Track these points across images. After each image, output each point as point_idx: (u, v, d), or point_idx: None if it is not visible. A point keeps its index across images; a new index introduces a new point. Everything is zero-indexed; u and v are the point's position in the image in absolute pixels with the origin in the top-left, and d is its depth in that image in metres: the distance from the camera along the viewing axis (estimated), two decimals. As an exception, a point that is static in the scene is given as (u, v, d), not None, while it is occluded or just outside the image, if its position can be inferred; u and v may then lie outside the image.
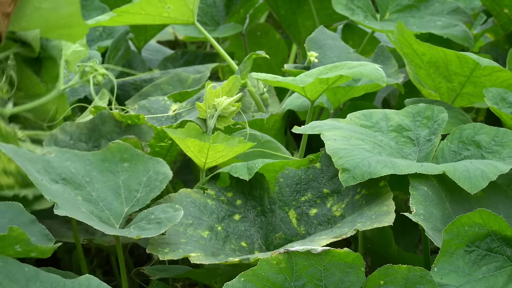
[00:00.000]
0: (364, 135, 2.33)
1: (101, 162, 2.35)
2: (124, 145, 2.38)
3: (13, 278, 1.91)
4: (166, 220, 2.15)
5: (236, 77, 2.53)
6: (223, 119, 2.54)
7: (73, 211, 2.15)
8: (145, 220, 2.18)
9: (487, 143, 2.32)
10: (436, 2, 3.33)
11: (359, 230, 2.10)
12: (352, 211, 2.24)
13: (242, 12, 3.78)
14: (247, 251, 2.27)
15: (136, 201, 2.30)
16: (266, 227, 2.33)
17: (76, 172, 2.31)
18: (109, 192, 2.30)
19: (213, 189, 2.36)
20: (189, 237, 2.22)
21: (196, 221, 2.28)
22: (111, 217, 2.26)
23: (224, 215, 2.32)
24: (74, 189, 2.27)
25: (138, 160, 2.36)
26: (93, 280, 1.98)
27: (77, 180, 2.29)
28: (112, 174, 2.34)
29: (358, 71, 2.51)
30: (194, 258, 2.11)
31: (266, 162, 2.34)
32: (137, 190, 2.31)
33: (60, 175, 2.28)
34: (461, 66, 2.65)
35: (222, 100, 2.51)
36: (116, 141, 2.39)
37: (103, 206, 2.27)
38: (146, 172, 2.34)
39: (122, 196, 2.30)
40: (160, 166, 2.35)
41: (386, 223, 2.10)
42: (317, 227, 2.29)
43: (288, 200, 2.35)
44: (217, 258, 2.15)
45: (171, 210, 2.19)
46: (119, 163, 2.36)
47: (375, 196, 2.21)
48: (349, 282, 1.95)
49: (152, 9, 2.91)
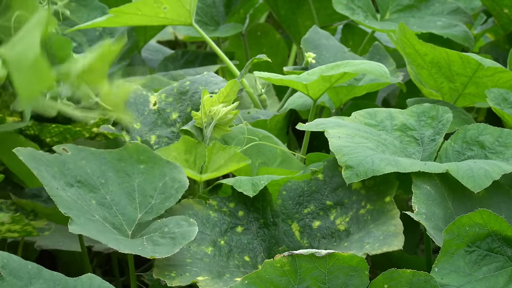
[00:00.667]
0: (368, 134, 2.33)
1: (117, 161, 2.29)
2: (142, 146, 2.32)
3: (17, 275, 1.92)
4: (180, 237, 2.09)
5: (234, 81, 2.52)
6: (220, 127, 2.52)
7: (87, 225, 2.10)
8: (158, 232, 2.13)
9: (491, 143, 2.32)
10: (437, 2, 3.33)
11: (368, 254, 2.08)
12: (358, 227, 2.22)
13: (242, 12, 3.77)
14: (250, 266, 2.25)
15: (150, 208, 2.24)
16: (269, 240, 2.31)
17: (91, 172, 2.25)
18: (123, 196, 2.25)
19: (215, 199, 2.32)
20: (193, 255, 2.18)
21: (199, 235, 2.22)
22: (124, 222, 2.21)
23: (227, 227, 2.29)
24: (89, 192, 2.22)
25: (155, 163, 2.30)
26: (95, 279, 1.98)
27: (92, 182, 2.24)
28: (127, 176, 2.28)
29: (362, 67, 2.51)
30: (201, 283, 2.08)
31: (272, 178, 2.31)
32: (151, 196, 2.25)
33: (75, 177, 2.22)
34: (463, 66, 2.65)
35: (219, 108, 2.48)
36: (134, 141, 2.33)
37: (117, 210, 2.22)
38: (162, 177, 2.28)
39: (136, 200, 2.25)
40: (177, 172, 2.29)
41: (395, 247, 2.08)
42: (321, 240, 2.27)
43: (291, 213, 2.32)
44: (223, 279, 2.13)
45: (185, 224, 2.13)
46: (136, 164, 2.30)
47: (381, 213, 2.20)
48: (353, 285, 1.95)
49: (148, 9, 2.90)
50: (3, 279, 1.91)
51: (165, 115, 2.65)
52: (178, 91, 2.68)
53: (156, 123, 2.65)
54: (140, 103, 2.68)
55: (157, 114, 2.65)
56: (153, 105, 2.67)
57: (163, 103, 2.67)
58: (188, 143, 2.40)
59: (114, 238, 2.12)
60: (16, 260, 1.94)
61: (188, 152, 2.40)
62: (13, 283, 1.91)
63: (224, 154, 2.39)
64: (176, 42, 4.27)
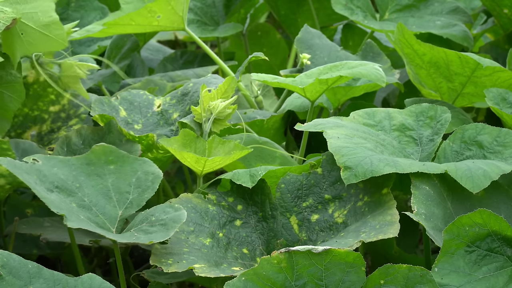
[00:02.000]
0: (367, 134, 2.33)
1: (86, 166, 2.32)
2: (109, 147, 2.35)
3: (17, 275, 1.92)
4: (171, 221, 2.12)
5: (232, 78, 2.52)
6: (219, 122, 2.53)
7: (81, 222, 2.14)
8: (146, 223, 2.16)
9: (489, 143, 2.32)
10: (436, 2, 3.33)
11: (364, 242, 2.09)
12: (355, 219, 2.22)
13: (242, 12, 3.78)
14: (248, 258, 2.25)
15: (130, 203, 2.27)
16: (268, 233, 2.31)
17: (65, 178, 2.28)
18: (100, 196, 2.27)
19: (214, 194, 2.33)
20: (191, 246, 2.20)
21: (197, 228, 2.25)
22: (106, 221, 2.24)
23: (225, 221, 2.30)
24: (68, 196, 2.25)
25: (124, 161, 2.33)
26: (95, 278, 1.99)
27: (68, 187, 2.27)
28: (99, 178, 2.31)
29: (358, 71, 2.51)
30: (198, 270, 2.09)
31: (269, 169, 2.32)
32: (128, 192, 2.28)
33: (52, 183, 2.25)
34: (462, 66, 2.65)
35: (218, 103, 2.50)
36: (100, 144, 2.36)
37: (97, 211, 2.25)
38: (134, 172, 2.31)
39: (113, 199, 2.28)
40: (148, 166, 2.32)
41: (391, 234, 2.09)
42: (319, 233, 2.27)
43: (289, 206, 2.33)
44: (220, 268, 2.14)
45: (171, 210, 2.17)
46: (105, 165, 2.33)
47: (378, 204, 2.20)
48: (349, 281, 1.95)
49: (142, 19, 2.91)
50: (2, 278, 1.91)
51: (167, 115, 2.69)
52: (182, 93, 2.71)
53: (159, 123, 2.68)
54: (144, 106, 2.72)
55: (160, 115, 2.69)
56: (157, 108, 2.70)
57: (167, 105, 2.71)
58: (187, 136, 2.41)
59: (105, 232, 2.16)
60: (16, 259, 1.94)
61: (187, 146, 2.41)
62: (13, 283, 1.91)
63: (224, 147, 2.40)
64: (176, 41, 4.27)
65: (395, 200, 2.18)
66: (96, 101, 2.69)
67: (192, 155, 2.34)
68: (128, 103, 2.72)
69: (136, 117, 2.70)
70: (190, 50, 3.54)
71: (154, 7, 2.87)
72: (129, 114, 2.69)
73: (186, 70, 3.18)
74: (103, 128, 2.56)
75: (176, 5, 2.89)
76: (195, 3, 3.54)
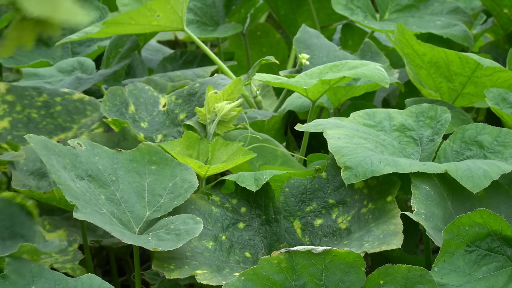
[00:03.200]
0: (367, 134, 2.33)
1: (129, 162, 2.31)
2: (154, 147, 2.34)
3: (20, 274, 1.95)
4: (185, 233, 2.10)
5: (239, 79, 2.51)
6: (223, 124, 2.52)
7: (92, 214, 2.12)
8: (164, 229, 2.14)
9: (490, 143, 2.31)
10: (436, 2, 3.33)
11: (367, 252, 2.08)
12: (359, 226, 2.22)
13: (242, 12, 3.78)
14: (251, 262, 2.25)
15: (159, 206, 2.25)
16: (271, 236, 2.30)
17: (103, 169, 2.27)
18: (133, 194, 2.26)
19: (217, 195, 2.32)
20: (194, 249, 2.19)
21: None
22: (131, 219, 2.22)
23: (229, 223, 2.29)
24: (99, 187, 2.23)
25: (166, 164, 2.32)
26: (95, 279, 2.00)
27: (102, 178, 2.25)
28: (138, 176, 2.30)
29: (361, 72, 2.50)
30: (200, 277, 2.09)
31: (274, 173, 2.31)
32: (161, 196, 2.27)
33: (86, 171, 2.24)
34: (462, 66, 2.65)
35: (223, 105, 2.48)
36: (146, 143, 2.34)
37: (125, 207, 2.24)
38: (173, 177, 2.29)
39: (145, 199, 2.26)
40: (188, 174, 2.30)
41: (394, 246, 2.08)
42: (322, 239, 2.26)
43: (293, 210, 2.32)
44: (222, 273, 2.13)
45: (191, 222, 2.15)
46: (147, 165, 2.31)
47: (383, 212, 2.19)
48: (349, 281, 1.95)
49: (141, 18, 2.90)
50: (6, 277, 1.94)
51: (173, 115, 2.69)
52: (188, 93, 2.71)
53: (164, 123, 2.68)
54: (150, 103, 2.72)
55: (166, 114, 2.68)
56: (162, 107, 2.70)
57: (172, 104, 2.70)
58: (191, 139, 2.41)
59: (119, 230, 2.14)
60: (20, 259, 1.97)
61: (191, 148, 2.40)
62: (16, 282, 1.94)
63: (227, 149, 2.39)
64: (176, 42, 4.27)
65: (399, 209, 2.17)
66: (109, 93, 2.68)
67: (194, 161, 2.33)
68: (135, 97, 2.72)
69: (142, 115, 2.69)
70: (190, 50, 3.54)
71: (154, 5, 2.86)
72: (136, 110, 2.69)
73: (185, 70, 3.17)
74: (118, 134, 2.55)
75: (175, 5, 2.89)
76: (195, 3, 3.54)
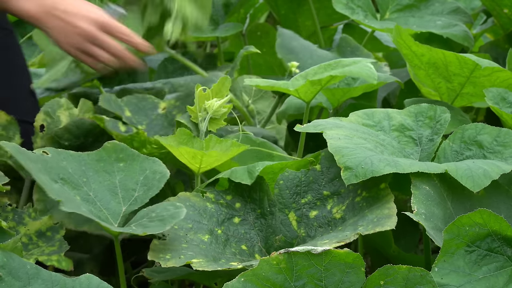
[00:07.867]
0: (367, 134, 2.33)
1: (96, 162, 2.35)
2: (120, 145, 2.38)
3: (16, 275, 1.93)
4: (169, 217, 2.16)
5: (226, 77, 2.54)
6: (215, 121, 2.54)
7: (78, 208, 2.17)
8: (146, 218, 2.19)
9: (489, 143, 2.31)
10: (436, 2, 3.34)
11: (361, 234, 2.10)
12: (353, 214, 2.23)
13: (242, 12, 3.78)
14: (247, 254, 2.26)
15: (134, 200, 2.30)
16: (266, 229, 2.32)
17: (73, 172, 2.31)
18: (106, 192, 2.31)
19: (212, 192, 2.34)
20: (190, 242, 2.21)
21: (196, 225, 2.27)
22: (109, 216, 2.27)
23: (224, 218, 2.32)
24: (72, 189, 2.28)
25: (133, 160, 2.36)
26: (93, 279, 1.98)
27: (74, 180, 2.30)
28: (107, 174, 2.34)
29: (348, 70, 2.52)
30: (196, 264, 2.11)
31: (266, 164, 2.33)
32: (134, 189, 2.32)
33: (58, 175, 2.28)
34: (460, 67, 2.66)
35: (213, 102, 2.51)
36: (112, 141, 2.38)
37: (101, 205, 2.28)
38: (143, 171, 2.34)
39: (119, 195, 2.31)
40: (157, 166, 2.35)
41: (388, 227, 2.09)
42: (317, 229, 2.28)
43: (288, 202, 2.33)
44: (218, 263, 2.15)
45: (172, 208, 2.20)
46: (115, 163, 2.36)
47: (376, 199, 2.20)
48: (349, 282, 1.95)
49: None
50: (2, 279, 1.91)
51: (170, 117, 2.73)
52: (186, 94, 2.73)
53: (163, 125, 2.71)
54: (149, 108, 2.77)
55: (164, 117, 2.72)
56: (162, 110, 2.72)
57: (171, 107, 2.72)
58: (184, 136, 2.42)
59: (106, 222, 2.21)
60: (16, 260, 1.95)
61: (184, 145, 2.42)
62: (12, 284, 1.91)
63: (221, 146, 2.41)
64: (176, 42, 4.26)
65: (392, 194, 2.18)
66: (104, 99, 2.72)
67: (188, 149, 2.36)
68: (134, 105, 2.75)
69: (141, 118, 2.74)
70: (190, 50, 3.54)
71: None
72: (134, 115, 2.72)
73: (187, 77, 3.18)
74: None
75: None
76: (195, 3, 3.54)
